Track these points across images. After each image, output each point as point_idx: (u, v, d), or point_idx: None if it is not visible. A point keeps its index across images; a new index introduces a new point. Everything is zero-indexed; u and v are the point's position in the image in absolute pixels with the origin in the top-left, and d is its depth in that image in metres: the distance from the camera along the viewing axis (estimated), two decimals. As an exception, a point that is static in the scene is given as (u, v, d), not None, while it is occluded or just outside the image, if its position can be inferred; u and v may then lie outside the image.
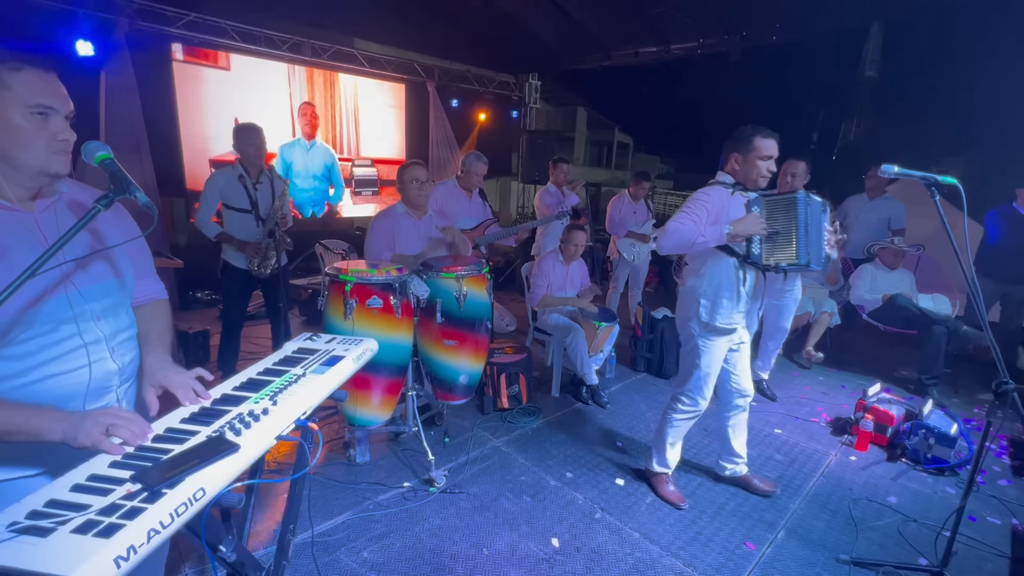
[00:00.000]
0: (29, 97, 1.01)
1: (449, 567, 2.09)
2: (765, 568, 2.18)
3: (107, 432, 0.97)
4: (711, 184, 2.31)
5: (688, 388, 2.47)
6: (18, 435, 0.96)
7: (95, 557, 0.72)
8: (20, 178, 1.06)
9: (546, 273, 3.82)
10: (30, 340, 1.04)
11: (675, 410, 2.53)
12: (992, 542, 2.38)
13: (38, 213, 1.10)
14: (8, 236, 1.03)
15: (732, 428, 2.63)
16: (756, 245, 2.20)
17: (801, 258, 2.19)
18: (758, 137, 2.18)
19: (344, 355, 1.39)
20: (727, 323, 2.32)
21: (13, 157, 1.03)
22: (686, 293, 2.42)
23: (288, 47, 5.96)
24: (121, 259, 1.24)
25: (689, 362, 2.46)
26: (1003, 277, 4.01)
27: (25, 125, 1.01)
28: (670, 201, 16.55)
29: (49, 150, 1.04)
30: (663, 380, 4.14)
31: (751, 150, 2.20)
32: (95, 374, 1.14)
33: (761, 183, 2.25)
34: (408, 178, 2.91)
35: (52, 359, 1.07)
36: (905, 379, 4.22)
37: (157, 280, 1.41)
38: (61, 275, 1.08)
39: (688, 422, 2.54)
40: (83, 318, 1.12)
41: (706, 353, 2.38)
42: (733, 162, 2.27)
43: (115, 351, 1.18)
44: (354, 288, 2.40)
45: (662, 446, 2.59)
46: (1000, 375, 1.73)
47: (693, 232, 2.15)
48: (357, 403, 2.53)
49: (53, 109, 1.04)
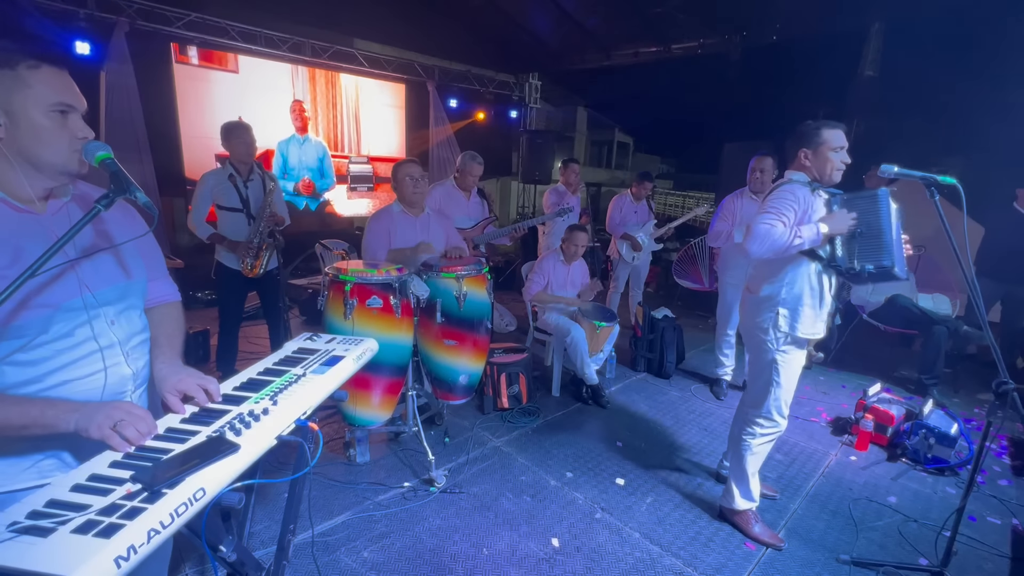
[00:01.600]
0: (50, 95, 1.00)
1: (449, 567, 2.09)
2: (765, 568, 2.18)
3: (115, 427, 0.97)
4: (788, 182, 2.12)
5: (766, 409, 2.23)
6: (33, 428, 0.96)
7: (95, 557, 0.72)
8: (40, 178, 1.05)
9: (546, 272, 3.81)
10: (45, 345, 1.03)
11: (753, 435, 2.28)
12: (992, 542, 2.38)
13: (50, 215, 1.09)
14: (22, 239, 1.02)
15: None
16: (840, 247, 2.03)
17: (886, 259, 1.97)
18: (825, 129, 2.05)
19: (344, 355, 1.39)
20: (809, 333, 2.13)
21: (36, 156, 1.01)
22: (760, 302, 2.18)
23: (288, 47, 5.96)
24: (133, 260, 1.22)
25: (765, 379, 2.22)
26: (1004, 277, 4.01)
27: (47, 124, 1.00)
28: (670, 201, 16.55)
29: (71, 148, 1.03)
30: (663, 380, 4.14)
31: (820, 143, 2.05)
32: (110, 379, 1.13)
33: (836, 177, 2.09)
34: (402, 175, 2.90)
35: (67, 364, 1.06)
36: (905, 379, 4.23)
37: (169, 282, 1.39)
38: (75, 279, 1.07)
39: (769, 445, 2.32)
40: (98, 322, 1.10)
41: (786, 367, 2.17)
42: (803, 159, 2.11)
43: (129, 355, 1.17)
44: (354, 288, 2.40)
45: (744, 477, 2.33)
46: (1000, 375, 1.73)
47: (786, 234, 1.96)
48: (357, 403, 2.53)
49: (72, 107, 1.03)
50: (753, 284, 2.24)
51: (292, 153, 6.37)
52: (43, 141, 1.01)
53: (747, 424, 2.30)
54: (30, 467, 1.07)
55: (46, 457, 1.08)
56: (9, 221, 1.03)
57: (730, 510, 2.40)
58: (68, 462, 1.11)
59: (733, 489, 2.36)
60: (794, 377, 2.21)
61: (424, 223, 3.03)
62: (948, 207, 1.82)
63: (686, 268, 6.63)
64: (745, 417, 2.32)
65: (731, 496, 2.37)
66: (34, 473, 1.07)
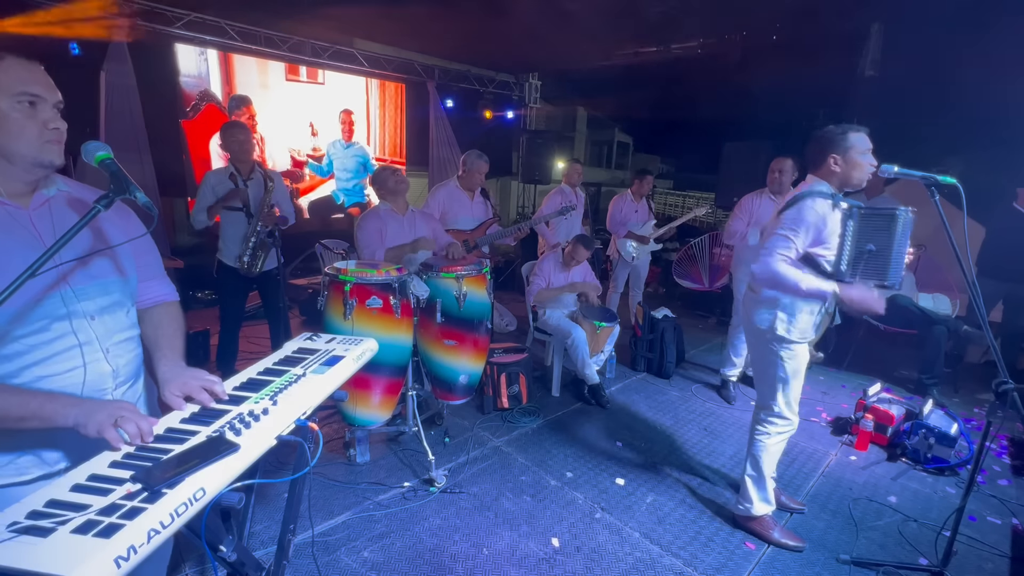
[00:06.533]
0: (13, 86, 1.00)
1: (449, 567, 2.09)
2: (765, 568, 2.18)
3: (115, 424, 0.97)
4: (809, 194, 2.04)
5: (776, 405, 2.23)
6: (32, 421, 0.97)
7: (95, 557, 0.72)
8: (15, 171, 1.05)
9: (546, 273, 3.81)
10: (21, 339, 1.02)
11: (767, 434, 2.26)
12: (992, 542, 2.39)
13: (33, 210, 1.09)
14: (2, 233, 1.02)
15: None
16: (844, 262, 2.02)
17: (890, 278, 1.99)
18: (851, 133, 2.02)
19: (344, 355, 1.39)
20: (803, 337, 2.16)
21: (4, 147, 1.02)
22: (760, 303, 2.19)
23: (288, 47, 5.96)
24: (124, 259, 1.22)
25: (770, 376, 2.22)
26: (1005, 277, 4.01)
27: (13, 114, 1.01)
28: (670, 201, 16.56)
29: (41, 139, 1.03)
30: (663, 380, 4.14)
31: (849, 147, 2.01)
32: (89, 376, 1.12)
33: (864, 180, 2.05)
34: (386, 174, 3.04)
35: (45, 359, 1.05)
36: (905, 379, 4.22)
37: (166, 282, 1.38)
38: (56, 273, 1.07)
39: (783, 444, 2.30)
40: (77, 317, 1.10)
41: (791, 361, 2.17)
42: (832, 164, 2.05)
43: (109, 352, 1.16)
44: (354, 288, 2.40)
45: (761, 480, 2.30)
46: (1000, 375, 1.73)
47: (795, 283, 1.97)
48: (357, 403, 2.53)
49: (40, 97, 1.03)
50: (756, 284, 2.24)
51: (337, 158, 6.93)
52: (10, 132, 1.01)
53: (759, 423, 2.30)
54: (6, 464, 1.07)
55: (23, 455, 1.08)
56: None
57: (747, 517, 2.36)
58: (47, 460, 1.10)
59: (751, 494, 2.32)
60: (800, 372, 2.21)
61: (411, 220, 3.06)
62: (948, 207, 1.82)
63: (686, 268, 6.63)
64: (757, 417, 2.32)
65: (749, 502, 2.33)
66: (11, 471, 1.07)
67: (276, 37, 5.84)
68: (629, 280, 5.08)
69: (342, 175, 7.02)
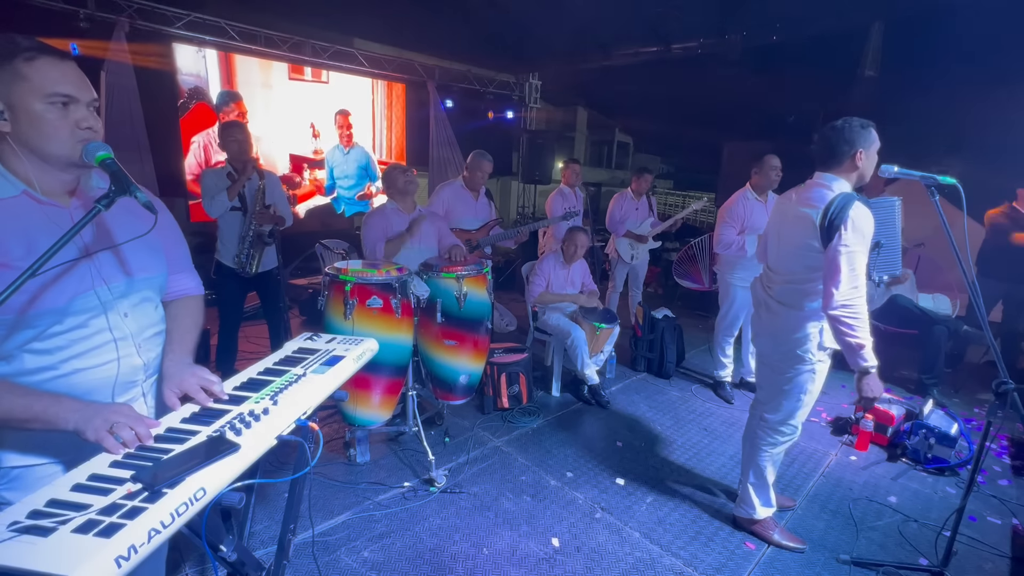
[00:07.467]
0: (47, 86, 1.00)
1: (449, 567, 2.09)
2: (765, 568, 2.18)
3: (111, 431, 0.97)
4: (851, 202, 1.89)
5: (794, 418, 2.20)
6: (35, 423, 0.97)
7: (96, 557, 0.72)
8: (52, 171, 1.06)
9: (546, 273, 3.81)
10: (60, 334, 1.05)
11: (773, 442, 2.24)
12: (992, 542, 2.39)
13: (73, 209, 1.09)
14: (39, 233, 1.02)
15: None
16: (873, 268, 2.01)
17: (897, 268, 2.03)
18: (872, 128, 1.96)
19: (344, 355, 1.39)
20: (832, 343, 2.09)
21: (40, 149, 1.02)
22: (803, 318, 2.08)
23: (288, 47, 5.96)
24: (153, 254, 1.22)
25: (796, 390, 2.15)
26: (1005, 277, 4.01)
27: (46, 115, 1.00)
28: (670, 200, 16.55)
29: (73, 139, 1.03)
30: (663, 380, 4.14)
31: (872, 142, 1.96)
32: (122, 368, 1.15)
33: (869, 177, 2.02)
34: (396, 173, 3.06)
35: (82, 353, 1.08)
36: (905, 379, 4.23)
37: (194, 275, 1.40)
38: (91, 272, 1.09)
39: (784, 450, 2.30)
40: (112, 312, 1.12)
41: (819, 378, 2.13)
42: (857, 160, 1.96)
43: (141, 347, 1.19)
44: (354, 288, 2.40)
45: (764, 484, 2.30)
46: (1000, 375, 1.73)
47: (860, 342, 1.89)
48: (357, 403, 2.53)
49: (72, 97, 1.03)
50: (790, 299, 2.12)
51: (337, 164, 6.78)
52: (44, 133, 1.01)
53: (767, 433, 2.25)
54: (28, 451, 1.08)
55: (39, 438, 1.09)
56: (31, 213, 1.04)
57: (748, 520, 2.36)
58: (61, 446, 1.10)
59: (752, 498, 2.31)
60: (820, 386, 2.16)
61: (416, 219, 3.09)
62: (948, 207, 1.82)
63: (686, 268, 6.62)
64: (764, 426, 2.26)
65: (750, 505, 2.32)
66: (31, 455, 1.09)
67: (276, 37, 5.84)
68: (628, 280, 5.08)
69: (343, 182, 6.82)
